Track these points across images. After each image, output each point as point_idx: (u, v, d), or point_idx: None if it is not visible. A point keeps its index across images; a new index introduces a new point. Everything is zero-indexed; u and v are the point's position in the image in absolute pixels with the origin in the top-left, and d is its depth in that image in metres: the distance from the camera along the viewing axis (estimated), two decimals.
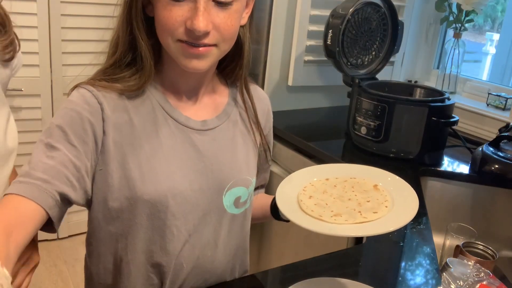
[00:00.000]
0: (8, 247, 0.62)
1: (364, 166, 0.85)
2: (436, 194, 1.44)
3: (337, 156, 1.50)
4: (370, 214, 0.71)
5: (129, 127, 0.80)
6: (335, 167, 0.87)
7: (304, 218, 0.73)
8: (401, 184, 0.79)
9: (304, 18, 1.77)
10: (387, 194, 0.77)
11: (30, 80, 2.18)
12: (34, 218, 0.70)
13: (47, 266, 2.32)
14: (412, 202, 0.73)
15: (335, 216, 0.72)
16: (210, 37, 0.75)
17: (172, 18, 0.73)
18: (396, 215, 0.71)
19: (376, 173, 0.83)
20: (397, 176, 0.81)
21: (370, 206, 0.73)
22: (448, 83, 1.95)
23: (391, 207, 0.73)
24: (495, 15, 2.70)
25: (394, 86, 1.68)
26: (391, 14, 1.71)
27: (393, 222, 0.69)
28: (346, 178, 0.83)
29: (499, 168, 1.34)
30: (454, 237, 1.18)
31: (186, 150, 0.84)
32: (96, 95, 0.78)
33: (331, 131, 1.80)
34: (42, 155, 0.74)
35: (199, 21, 0.71)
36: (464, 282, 0.90)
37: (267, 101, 1.01)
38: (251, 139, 0.95)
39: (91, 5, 2.23)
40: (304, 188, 0.81)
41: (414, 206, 0.71)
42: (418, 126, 1.45)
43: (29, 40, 2.13)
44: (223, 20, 0.75)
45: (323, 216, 0.72)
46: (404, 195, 0.76)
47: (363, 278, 0.86)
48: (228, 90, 0.94)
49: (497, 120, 1.68)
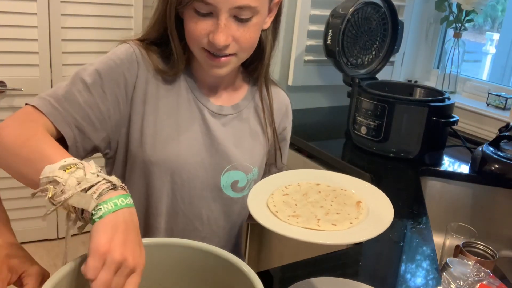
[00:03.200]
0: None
1: (366, 184, 0.83)
2: (436, 194, 1.44)
3: (337, 156, 1.50)
4: (327, 225, 0.70)
5: (155, 89, 0.88)
6: (334, 175, 0.86)
7: (258, 208, 0.73)
8: (385, 205, 0.76)
9: (304, 18, 1.77)
10: (363, 214, 0.74)
11: (30, 80, 2.18)
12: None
13: (47, 266, 2.31)
14: (377, 228, 0.69)
15: (292, 216, 0.72)
16: (230, 48, 0.82)
17: (197, 30, 0.81)
18: (349, 234, 0.69)
19: (369, 190, 0.81)
20: (387, 199, 0.77)
21: (334, 218, 0.72)
22: (448, 83, 1.95)
23: (355, 225, 0.71)
24: (495, 15, 2.70)
25: (394, 86, 1.68)
26: (391, 14, 1.71)
27: (338, 237, 0.68)
28: (337, 188, 0.82)
29: (499, 168, 1.34)
30: (454, 237, 1.18)
31: (198, 126, 0.91)
32: (137, 56, 0.87)
33: (331, 131, 1.80)
34: (75, 89, 0.82)
35: (219, 37, 0.79)
36: (464, 282, 0.90)
37: (286, 104, 1.06)
38: (261, 135, 0.99)
39: (91, 4, 2.23)
40: (287, 186, 0.81)
41: (375, 231, 0.68)
42: (418, 126, 1.45)
43: (29, 40, 2.13)
44: (243, 34, 0.82)
45: (280, 212, 0.73)
46: (379, 217, 0.73)
47: (363, 278, 0.86)
48: (248, 87, 1.00)
49: (497, 120, 1.68)
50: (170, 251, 0.71)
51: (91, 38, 2.26)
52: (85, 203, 0.59)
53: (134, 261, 0.58)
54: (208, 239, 0.95)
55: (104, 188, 0.60)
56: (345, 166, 1.44)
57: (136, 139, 0.88)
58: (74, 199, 0.59)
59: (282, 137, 1.06)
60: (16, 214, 2.36)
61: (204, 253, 0.70)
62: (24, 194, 2.38)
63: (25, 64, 2.16)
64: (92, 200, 0.59)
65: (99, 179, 0.61)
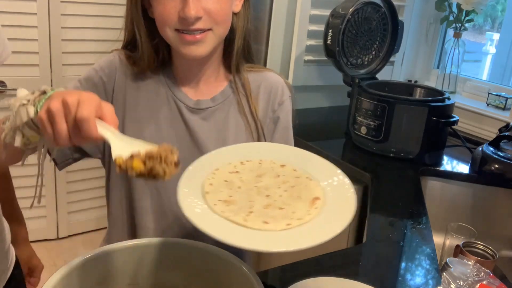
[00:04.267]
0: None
1: (340, 175, 0.69)
2: (436, 194, 1.44)
3: (337, 156, 1.50)
4: (256, 222, 0.58)
5: (135, 92, 0.91)
6: (313, 157, 0.72)
7: (189, 181, 0.63)
8: (345, 212, 0.61)
9: (304, 18, 1.77)
10: (312, 215, 0.60)
11: (30, 80, 2.18)
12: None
13: (47, 266, 2.30)
14: (312, 238, 0.57)
15: (224, 202, 0.61)
16: (203, 22, 0.82)
17: (167, 10, 0.81)
18: (268, 239, 0.57)
19: (340, 187, 0.67)
20: (354, 204, 0.62)
21: (271, 214, 0.60)
22: (448, 83, 1.95)
23: (292, 227, 0.58)
24: (495, 15, 2.70)
25: (394, 86, 1.68)
26: (391, 13, 1.71)
27: (251, 240, 0.56)
28: (302, 175, 0.68)
29: (499, 168, 1.34)
30: (454, 237, 1.18)
31: (178, 124, 0.92)
32: (116, 61, 0.91)
33: (331, 131, 1.80)
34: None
35: (189, 9, 0.79)
36: (464, 282, 0.90)
37: (275, 84, 0.98)
38: (246, 125, 0.94)
39: (91, 4, 2.23)
40: (245, 161, 0.70)
41: (305, 243, 0.56)
42: (418, 126, 1.45)
43: (29, 39, 2.13)
44: (213, 5, 0.82)
45: (211, 194, 0.62)
46: (326, 225, 0.59)
47: (363, 278, 0.86)
48: (230, 78, 0.97)
49: (497, 120, 1.68)
50: (170, 251, 0.71)
51: (91, 38, 2.26)
52: (25, 114, 0.62)
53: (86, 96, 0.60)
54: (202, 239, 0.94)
55: (36, 96, 0.63)
56: (345, 166, 1.44)
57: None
58: (17, 117, 0.63)
59: (273, 120, 0.97)
60: None
61: (204, 253, 0.70)
62: (24, 194, 2.37)
63: (25, 64, 2.16)
64: (28, 107, 0.62)
65: (30, 94, 0.64)
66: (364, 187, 1.39)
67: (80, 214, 2.55)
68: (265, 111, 0.96)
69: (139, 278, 0.71)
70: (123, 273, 0.70)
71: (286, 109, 0.98)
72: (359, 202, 1.40)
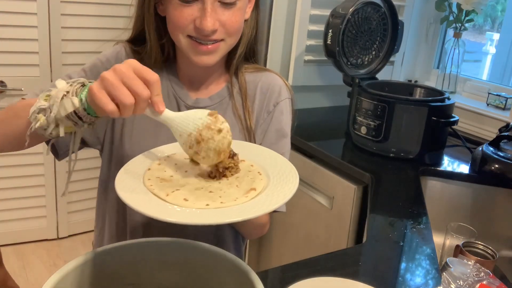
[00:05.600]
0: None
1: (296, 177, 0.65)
2: (436, 194, 1.44)
3: (337, 156, 1.50)
4: (177, 199, 0.59)
5: None
6: (274, 156, 0.73)
7: (137, 165, 0.66)
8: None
9: (304, 18, 1.77)
10: (237, 201, 0.60)
11: (30, 80, 2.18)
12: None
13: (47, 265, 2.32)
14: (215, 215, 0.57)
15: (161, 179, 0.62)
16: (217, 34, 0.83)
17: (183, 17, 0.81)
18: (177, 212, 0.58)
19: (289, 184, 0.64)
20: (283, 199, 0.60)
21: (197, 194, 0.61)
22: (448, 83, 1.95)
23: (210, 208, 0.59)
24: (495, 15, 2.69)
25: (394, 86, 1.68)
26: (391, 13, 1.71)
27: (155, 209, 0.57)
28: (254, 169, 0.69)
29: (499, 168, 1.34)
30: (454, 237, 1.18)
31: None
32: (122, 54, 0.91)
33: (331, 131, 1.80)
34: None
35: (207, 21, 0.79)
36: (464, 282, 0.90)
37: (272, 84, 0.97)
38: (239, 125, 0.93)
39: (91, 4, 2.23)
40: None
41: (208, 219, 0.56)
42: (418, 126, 1.45)
43: (29, 39, 2.13)
44: (229, 18, 0.82)
45: (152, 172, 0.64)
46: (243, 210, 0.58)
47: (363, 278, 0.86)
48: (228, 78, 0.97)
49: (497, 120, 1.68)
50: (170, 251, 0.71)
51: (91, 38, 2.26)
52: (70, 105, 0.63)
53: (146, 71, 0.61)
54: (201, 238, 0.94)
55: (77, 87, 0.65)
56: (345, 166, 1.44)
57: (118, 135, 0.91)
58: (61, 108, 0.64)
59: (266, 121, 0.95)
60: (16, 214, 2.36)
61: (204, 253, 0.70)
62: (24, 194, 2.38)
63: (25, 64, 2.17)
64: (72, 98, 0.63)
65: (69, 86, 0.65)
66: (364, 187, 1.39)
67: (80, 214, 2.55)
68: (259, 111, 0.95)
69: (139, 278, 0.71)
70: (123, 273, 0.70)
71: (281, 111, 0.96)
72: (359, 202, 1.40)
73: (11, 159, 2.22)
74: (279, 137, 0.95)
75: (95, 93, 0.60)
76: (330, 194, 1.47)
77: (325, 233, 1.51)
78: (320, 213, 1.52)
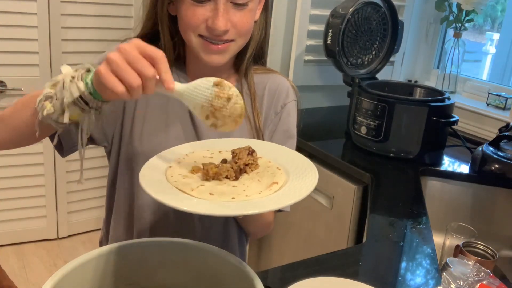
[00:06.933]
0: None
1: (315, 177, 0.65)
2: (436, 194, 1.44)
3: (337, 156, 1.50)
4: (204, 193, 0.60)
5: None
6: (293, 154, 0.74)
7: (161, 161, 0.67)
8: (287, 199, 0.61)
9: (304, 18, 1.77)
10: (262, 194, 0.61)
11: (30, 80, 2.18)
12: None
13: (47, 265, 2.32)
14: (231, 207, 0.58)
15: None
16: (228, 34, 0.84)
17: (195, 17, 0.82)
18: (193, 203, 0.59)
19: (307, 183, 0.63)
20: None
21: (218, 190, 0.62)
22: (448, 83, 1.95)
23: (231, 201, 0.60)
24: (495, 15, 2.70)
25: (394, 86, 1.68)
26: (391, 13, 1.71)
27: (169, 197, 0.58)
28: (273, 165, 0.69)
29: (499, 168, 1.34)
30: (454, 237, 1.18)
31: (186, 119, 0.93)
32: None
33: (331, 131, 1.80)
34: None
35: (219, 21, 0.80)
36: (464, 282, 0.90)
37: (280, 87, 0.99)
38: (248, 125, 0.95)
39: (91, 4, 2.23)
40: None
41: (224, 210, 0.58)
42: (418, 126, 1.45)
43: (29, 39, 2.13)
44: (240, 19, 0.83)
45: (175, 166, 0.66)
46: (260, 204, 0.59)
47: (363, 278, 0.86)
48: (236, 78, 0.98)
49: (497, 119, 1.68)
50: (170, 251, 0.71)
51: (91, 38, 2.26)
52: (76, 89, 0.63)
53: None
54: (204, 238, 0.95)
55: (83, 72, 0.65)
56: (345, 166, 1.44)
57: (127, 133, 0.91)
58: (67, 93, 0.63)
59: (274, 122, 0.98)
60: (16, 214, 2.36)
61: (204, 253, 0.70)
62: (24, 194, 2.38)
63: (25, 64, 2.16)
64: (78, 82, 0.63)
65: (74, 71, 0.65)
66: (364, 187, 1.39)
67: (80, 214, 2.55)
68: (267, 112, 0.98)
69: (139, 278, 0.71)
70: (123, 273, 0.70)
71: (289, 112, 0.99)
72: (359, 202, 1.40)
73: (11, 159, 2.22)
74: (286, 138, 0.98)
75: (103, 74, 0.60)
76: (330, 194, 1.47)
77: (325, 233, 1.51)
78: (320, 213, 1.52)
